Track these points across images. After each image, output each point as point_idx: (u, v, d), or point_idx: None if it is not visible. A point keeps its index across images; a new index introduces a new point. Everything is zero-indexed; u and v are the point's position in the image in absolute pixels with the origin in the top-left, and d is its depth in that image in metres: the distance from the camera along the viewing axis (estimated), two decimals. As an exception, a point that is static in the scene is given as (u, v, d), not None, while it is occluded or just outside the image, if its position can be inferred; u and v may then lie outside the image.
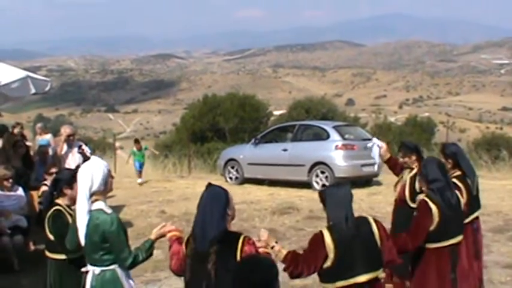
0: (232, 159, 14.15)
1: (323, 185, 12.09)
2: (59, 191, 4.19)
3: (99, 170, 3.57)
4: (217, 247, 3.05)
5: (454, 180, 4.57)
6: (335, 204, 3.45)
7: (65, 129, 8.02)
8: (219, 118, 22.83)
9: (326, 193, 3.52)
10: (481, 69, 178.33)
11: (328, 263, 3.38)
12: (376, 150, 5.87)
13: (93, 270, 3.50)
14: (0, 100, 7.81)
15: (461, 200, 4.41)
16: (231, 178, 14.05)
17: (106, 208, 3.53)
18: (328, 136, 12.75)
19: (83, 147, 8.00)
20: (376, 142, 5.91)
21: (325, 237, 3.38)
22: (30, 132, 14.86)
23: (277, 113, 30.85)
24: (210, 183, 3.29)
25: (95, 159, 3.68)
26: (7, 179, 7.10)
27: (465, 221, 4.51)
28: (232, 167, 14.10)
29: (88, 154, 7.84)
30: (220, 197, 3.18)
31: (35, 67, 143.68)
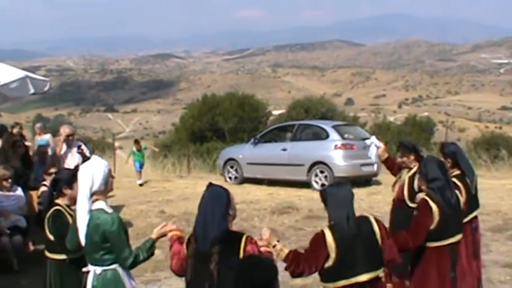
0: (231, 159, 14.16)
1: (322, 185, 12.10)
2: (58, 191, 4.18)
3: (100, 169, 3.57)
4: (220, 247, 3.04)
5: (453, 179, 4.57)
6: (336, 204, 3.44)
7: (64, 129, 8.02)
8: (218, 118, 22.81)
9: (327, 192, 3.52)
10: (480, 69, 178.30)
11: (330, 263, 3.38)
12: (374, 150, 5.84)
13: (94, 270, 3.50)
14: (-1, 100, 7.82)
15: (461, 199, 4.42)
16: (230, 178, 14.06)
17: (107, 208, 3.52)
18: (327, 136, 12.75)
19: (82, 147, 8.00)
20: (374, 142, 5.86)
21: (327, 237, 3.39)
22: (29, 132, 14.86)
23: (276, 112, 30.80)
24: (211, 183, 3.28)
25: (95, 158, 3.67)
26: (6, 179, 7.10)
27: (464, 220, 4.52)
28: (232, 167, 14.10)
29: (87, 154, 7.85)
30: (222, 197, 3.18)
31: (34, 67, 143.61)
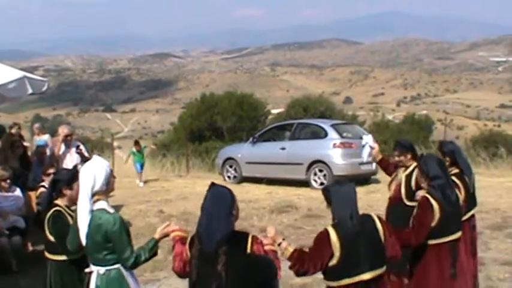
0: (230, 158, 14.16)
1: (321, 184, 12.12)
2: (58, 192, 4.16)
3: (102, 169, 3.55)
4: (226, 248, 3.01)
5: (452, 177, 4.58)
6: (340, 202, 3.44)
7: (63, 129, 8.02)
8: (216, 117, 22.79)
9: (331, 191, 3.51)
10: (479, 67, 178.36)
11: (334, 261, 3.38)
12: (367, 150, 5.78)
13: (98, 270, 3.48)
14: (-2, 100, 7.81)
15: (460, 197, 4.43)
16: (229, 177, 14.06)
17: (108, 208, 3.51)
18: (326, 134, 12.77)
19: (81, 147, 7.99)
20: (369, 142, 5.81)
21: (331, 235, 3.38)
22: (28, 133, 14.83)
23: (275, 111, 30.73)
24: (213, 182, 3.25)
25: (97, 158, 3.64)
26: (5, 179, 7.10)
27: (463, 218, 4.53)
28: (231, 166, 14.10)
29: (86, 154, 7.85)
30: (225, 197, 3.15)
31: (32, 67, 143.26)
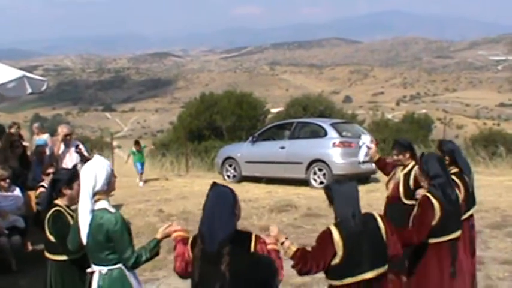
0: (229, 158, 14.16)
1: (321, 183, 12.12)
2: (57, 192, 4.13)
3: (103, 169, 3.54)
4: (230, 248, 3.00)
5: (452, 177, 4.59)
6: (342, 201, 3.44)
7: (62, 128, 8.02)
8: (216, 116, 22.80)
9: (333, 189, 3.50)
10: (478, 66, 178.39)
11: (337, 260, 3.38)
12: (364, 151, 5.76)
13: (100, 270, 3.47)
14: (-3, 100, 7.81)
15: (460, 196, 4.43)
16: (228, 176, 14.06)
17: (110, 207, 3.51)
18: (325, 133, 12.76)
19: (80, 146, 7.99)
20: (366, 142, 5.80)
21: (334, 234, 3.38)
22: (27, 132, 14.82)
23: (274, 110, 30.76)
24: (215, 182, 3.24)
25: (98, 158, 3.63)
26: (4, 179, 7.09)
27: (462, 217, 4.53)
28: (230, 165, 14.10)
29: (85, 154, 7.84)
30: (228, 197, 3.16)
31: (32, 66, 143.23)
